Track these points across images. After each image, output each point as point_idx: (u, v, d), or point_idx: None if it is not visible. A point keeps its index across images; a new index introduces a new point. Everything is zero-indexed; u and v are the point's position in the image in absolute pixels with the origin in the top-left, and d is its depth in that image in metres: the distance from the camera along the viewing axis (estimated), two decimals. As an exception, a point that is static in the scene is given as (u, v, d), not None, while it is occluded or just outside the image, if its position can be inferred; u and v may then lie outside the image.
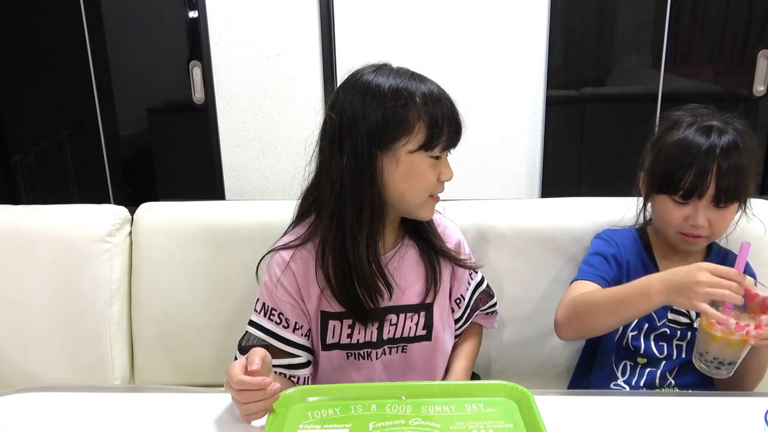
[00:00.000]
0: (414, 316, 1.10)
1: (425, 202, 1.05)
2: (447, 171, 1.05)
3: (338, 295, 1.05)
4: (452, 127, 1.01)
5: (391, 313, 1.09)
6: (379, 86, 0.99)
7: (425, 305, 1.11)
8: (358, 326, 1.08)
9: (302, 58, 2.02)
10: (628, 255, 1.21)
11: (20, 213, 1.49)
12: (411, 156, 1.00)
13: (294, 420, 0.88)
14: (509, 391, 0.92)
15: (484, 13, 1.99)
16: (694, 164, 1.08)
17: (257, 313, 1.10)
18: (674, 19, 2.01)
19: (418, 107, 0.98)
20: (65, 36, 2.16)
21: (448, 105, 1.02)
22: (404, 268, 1.10)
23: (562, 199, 1.48)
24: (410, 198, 1.03)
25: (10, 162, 2.31)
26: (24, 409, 0.96)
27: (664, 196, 1.13)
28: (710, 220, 1.10)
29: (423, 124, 0.99)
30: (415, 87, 0.99)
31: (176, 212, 1.48)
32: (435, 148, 1.00)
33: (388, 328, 1.09)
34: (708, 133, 1.09)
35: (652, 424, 0.90)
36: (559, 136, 2.10)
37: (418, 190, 1.03)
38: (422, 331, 1.11)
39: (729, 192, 1.08)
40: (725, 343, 0.96)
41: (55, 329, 1.43)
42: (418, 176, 1.01)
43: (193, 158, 2.23)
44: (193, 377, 1.46)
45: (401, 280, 1.09)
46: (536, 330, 1.41)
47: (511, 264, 1.40)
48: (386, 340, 1.10)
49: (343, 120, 1.00)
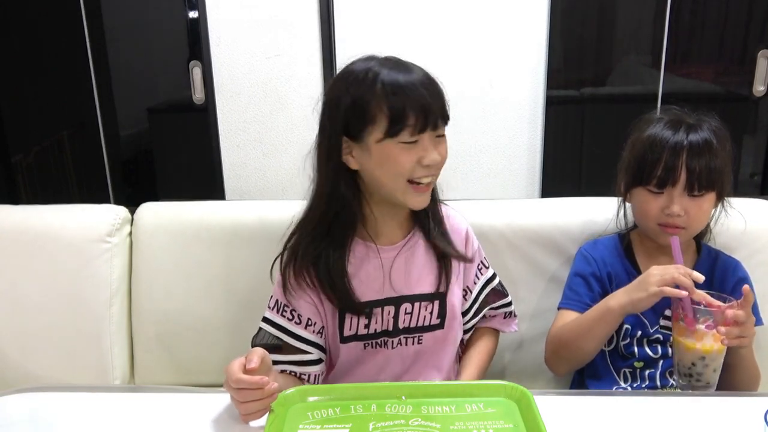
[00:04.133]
0: (428, 305, 1.12)
1: (405, 189, 1.03)
2: (428, 154, 1.01)
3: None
4: (420, 111, 0.98)
5: (406, 302, 1.11)
6: (341, 90, 1.02)
7: (439, 294, 1.13)
8: (375, 316, 1.10)
9: (302, 58, 2.02)
10: (608, 267, 1.24)
11: (20, 213, 1.49)
12: (380, 144, 1.00)
13: (294, 420, 0.88)
14: (509, 391, 0.92)
15: (484, 13, 1.99)
16: (663, 154, 1.13)
17: (270, 310, 1.13)
18: (674, 19, 2.00)
19: (377, 96, 0.98)
20: (65, 36, 2.16)
21: (417, 87, 0.99)
22: (417, 258, 1.13)
23: (562, 199, 1.48)
24: (387, 184, 1.03)
25: (10, 162, 2.30)
26: (24, 409, 0.96)
27: (640, 189, 1.17)
28: (687, 209, 1.13)
29: (383, 113, 0.98)
30: (381, 76, 0.99)
31: (176, 212, 1.48)
32: (401, 134, 0.99)
33: (404, 317, 1.11)
34: (677, 127, 1.14)
35: (652, 424, 0.90)
36: (559, 136, 2.10)
37: (393, 176, 1.02)
38: (436, 320, 1.13)
39: (702, 180, 1.11)
40: (701, 347, 0.99)
41: (55, 329, 1.43)
42: (390, 163, 1.01)
43: (193, 158, 2.23)
44: (193, 377, 1.46)
45: (415, 269, 1.12)
46: (536, 330, 1.41)
47: (511, 264, 1.40)
48: (402, 329, 1.12)
49: (322, 117, 1.05)
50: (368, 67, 1.01)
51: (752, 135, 2.16)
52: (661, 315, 1.20)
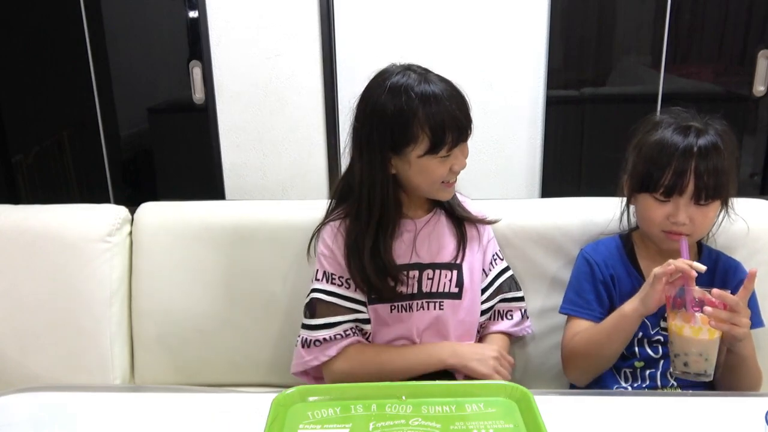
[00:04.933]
0: (448, 272, 1.24)
1: (439, 188, 1.19)
2: (459, 162, 1.17)
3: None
4: (455, 129, 1.11)
5: (428, 269, 1.23)
6: (384, 108, 1.11)
7: (456, 265, 1.25)
8: (402, 277, 1.20)
9: (302, 58, 2.02)
10: (610, 269, 1.24)
11: (20, 213, 1.49)
12: (420, 159, 1.13)
13: (294, 420, 0.88)
14: (509, 391, 0.92)
15: (484, 13, 1.99)
16: (672, 162, 1.11)
17: (319, 281, 1.22)
18: (674, 19, 2.00)
19: (419, 120, 1.10)
20: (65, 36, 2.16)
21: (451, 105, 1.11)
22: (437, 232, 1.26)
23: (562, 199, 1.48)
24: (424, 188, 1.19)
25: (10, 162, 2.31)
26: (24, 409, 0.96)
27: (646, 195, 1.16)
28: (692, 217, 1.12)
29: (425, 135, 1.10)
30: (417, 99, 1.09)
31: (176, 212, 1.48)
32: (441, 151, 1.12)
33: (426, 281, 1.23)
34: (686, 133, 1.12)
35: (653, 424, 0.90)
36: (559, 136, 2.10)
37: (430, 183, 1.17)
38: (455, 289, 1.24)
39: (709, 189, 1.10)
40: (691, 332, 1.00)
41: (55, 329, 1.43)
42: (429, 173, 1.15)
43: (193, 158, 2.23)
44: (194, 377, 1.46)
45: (436, 241, 1.25)
46: (536, 329, 1.41)
47: (511, 264, 1.40)
48: (425, 293, 1.23)
49: (361, 131, 1.16)
50: (407, 84, 1.11)
51: (752, 135, 2.15)
52: (662, 317, 1.20)
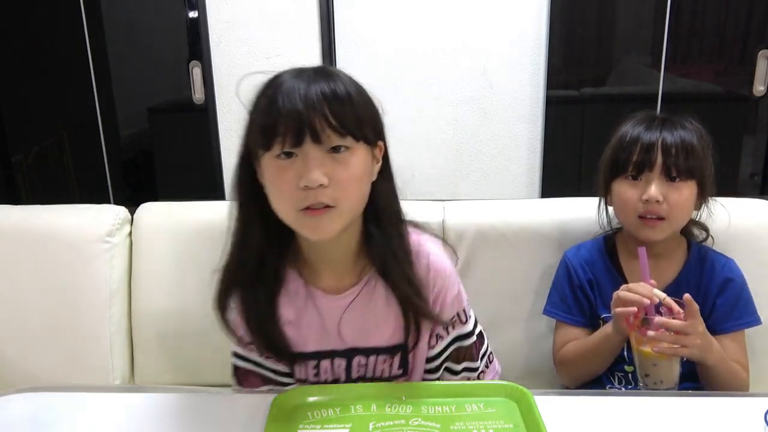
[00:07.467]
0: (387, 358, 0.97)
1: (296, 217, 0.85)
2: (308, 173, 0.81)
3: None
4: (292, 122, 0.81)
5: (360, 355, 0.97)
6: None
7: (400, 346, 0.97)
8: (324, 365, 0.98)
9: (302, 58, 2.02)
10: (589, 273, 1.25)
11: (20, 213, 1.49)
12: (266, 161, 0.86)
13: (294, 420, 0.88)
14: (509, 391, 0.92)
15: (483, 13, 1.99)
16: (639, 140, 1.14)
17: (237, 345, 1.01)
18: (674, 19, 2.01)
19: (259, 108, 0.86)
20: (65, 36, 2.16)
21: (297, 100, 0.81)
22: (373, 308, 0.95)
23: (562, 199, 1.48)
24: (281, 211, 0.87)
25: (10, 162, 2.31)
26: (24, 409, 0.96)
27: (619, 181, 1.18)
28: (666, 195, 1.12)
29: (256, 124, 0.86)
30: (276, 88, 0.84)
31: (176, 212, 1.48)
32: (272, 147, 0.83)
33: (358, 368, 0.98)
34: (651, 120, 1.17)
35: (652, 424, 0.90)
36: (559, 136, 2.10)
37: (279, 200, 0.86)
38: (398, 371, 0.99)
39: (679, 164, 1.12)
40: (642, 354, 1.04)
41: (55, 329, 1.43)
42: (272, 183, 0.86)
43: (193, 158, 2.23)
44: (193, 377, 1.46)
45: (370, 320, 0.96)
46: (536, 329, 1.41)
47: (511, 264, 1.40)
48: (356, 379, 0.99)
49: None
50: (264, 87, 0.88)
51: (752, 135, 2.15)
52: None
